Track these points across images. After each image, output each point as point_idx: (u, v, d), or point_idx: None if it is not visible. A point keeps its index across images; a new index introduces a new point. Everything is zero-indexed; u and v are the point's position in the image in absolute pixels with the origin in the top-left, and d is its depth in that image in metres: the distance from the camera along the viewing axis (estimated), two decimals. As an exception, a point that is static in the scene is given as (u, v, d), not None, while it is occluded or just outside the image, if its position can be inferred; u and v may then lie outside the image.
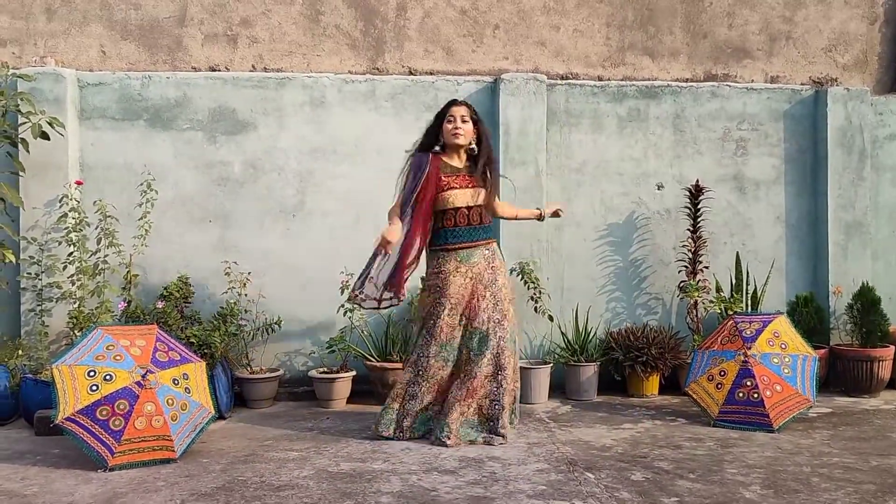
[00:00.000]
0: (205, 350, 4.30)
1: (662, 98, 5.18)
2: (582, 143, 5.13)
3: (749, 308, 5.06)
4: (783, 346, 4.19)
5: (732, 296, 5.03)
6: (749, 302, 5.08)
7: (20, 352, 4.37)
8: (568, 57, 5.32)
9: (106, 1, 4.98)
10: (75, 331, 4.36)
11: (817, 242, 5.26)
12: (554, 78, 5.22)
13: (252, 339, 4.74)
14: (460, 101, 3.93)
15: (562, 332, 4.97)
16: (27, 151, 4.24)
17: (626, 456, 3.55)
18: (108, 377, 3.42)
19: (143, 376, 3.46)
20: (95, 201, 4.62)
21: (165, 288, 4.59)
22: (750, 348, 4.13)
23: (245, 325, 4.66)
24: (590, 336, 4.96)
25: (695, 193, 5.04)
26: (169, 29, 5.03)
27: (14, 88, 4.46)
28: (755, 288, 5.12)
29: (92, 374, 3.42)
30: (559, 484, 3.15)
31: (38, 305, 4.51)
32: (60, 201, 4.52)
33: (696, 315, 4.99)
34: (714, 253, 5.17)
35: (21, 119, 4.23)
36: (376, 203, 4.82)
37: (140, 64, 5.01)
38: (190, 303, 4.66)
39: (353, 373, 4.69)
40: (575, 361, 4.81)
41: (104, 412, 3.36)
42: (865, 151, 5.23)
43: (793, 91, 5.29)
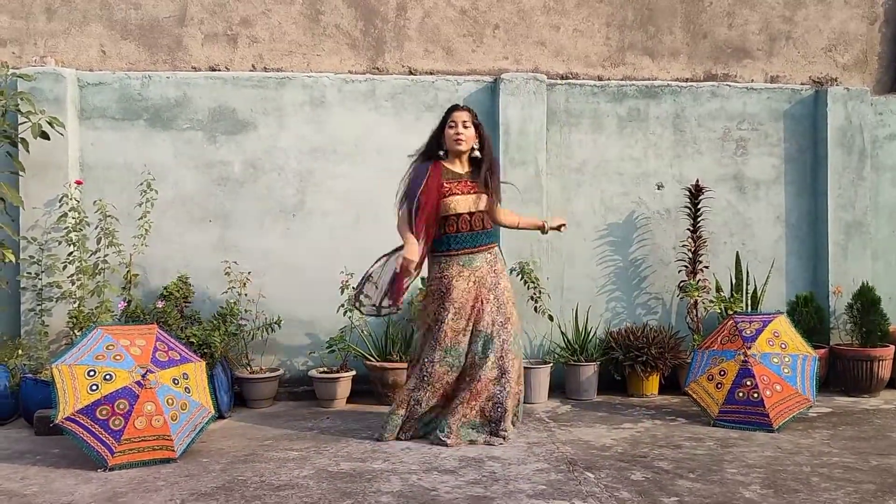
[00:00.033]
0: (205, 350, 4.30)
1: (662, 98, 5.18)
2: (582, 143, 5.13)
3: (749, 308, 5.06)
4: (783, 346, 4.19)
5: (732, 295, 5.03)
6: (749, 302, 5.08)
7: (20, 351, 4.37)
8: (568, 57, 5.32)
9: (106, 1, 4.98)
10: (75, 330, 4.36)
11: (817, 242, 5.27)
12: (554, 78, 5.22)
13: (252, 339, 4.74)
14: (462, 107, 3.92)
15: (562, 332, 4.97)
16: (27, 151, 4.25)
17: (626, 455, 3.55)
18: (108, 377, 3.42)
19: (143, 376, 3.46)
20: (95, 201, 4.62)
21: (165, 288, 4.59)
22: (750, 348, 4.13)
23: (245, 325, 4.66)
24: (590, 336, 4.96)
25: (695, 193, 5.04)
26: (169, 28, 5.04)
27: (14, 88, 4.46)
28: (755, 288, 5.12)
29: (92, 374, 3.42)
30: (559, 483, 3.15)
31: (38, 305, 4.51)
32: (60, 201, 4.53)
33: (696, 315, 4.99)
34: (714, 253, 5.17)
35: (21, 119, 4.24)
36: (376, 203, 4.82)
37: (140, 64, 5.01)
38: (190, 302, 4.66)
39: (353, 372, 4.69)
40: (575, 361, 4.81)
41: (104, 412, 3.36)
42: (865, 151, 5.23)
43: (793, 91, 5.29)
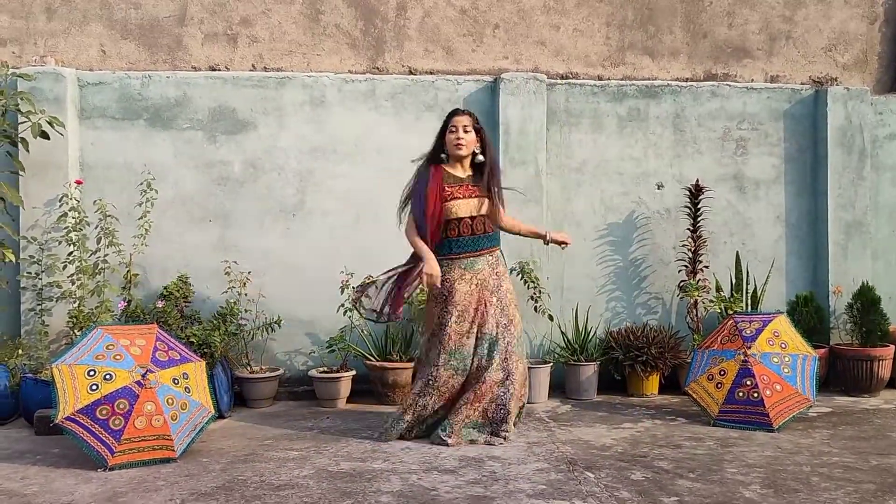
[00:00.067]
0: (205, 349, 4.30)
1: (662, 97, 5.18)
2: (582, 143, 5.13)
3: (749, 307, 5.06)
4: (783, 346, 4.19)
5: (732, 295, 5.03)
6: (749, 301, 5.08)
7: (20, 351, 4.37)
8: (568, 56, 5.32)
9: (106, 0, 4.98)
10: (75, 330, 4.36)
11: (817, 242, 5.26)
12: (554, 77, 5.21)
13: (252, 339, 4.74)
14: (462, 111, 3.92)
15: (562, 332, 4.97)
16: (27, 151, 4.25)
17: (626, 455, 3.55)
18: (108, 376, 3.42)
19: (143, 376, 3.46)
20: (95, 201, 4.62)
21: (165, 287, 4.59)
22: (750, 348, 4.13)
23: (245, 325, 4.66)
24: (590, 335, 4.96)
25: (695, 193, 5.04)
26: (169, 28, 5.03)
27: (14, 88, 4.46)
28: (755, 287, 5.12)
29: (92, 374, 3.42)
30: (559, 483, 3.15)
31: (38, 305, 4.51)
32: (60, 201, 4.52)
33: (696, 314, 4.99)
34: (714, 252, 5.17)
35: (21, 118, 4.24)
36: (376, 202, 4.83)
37: (140, 63, 5.01)
38: (190, 302, 4.66)
39: (353, 372, 4.69)
40: (575, 361, 4.81)
41: (104, 411, 3.36)
42: (865, 151, 5.23)
43: (793, 91, 5.29)
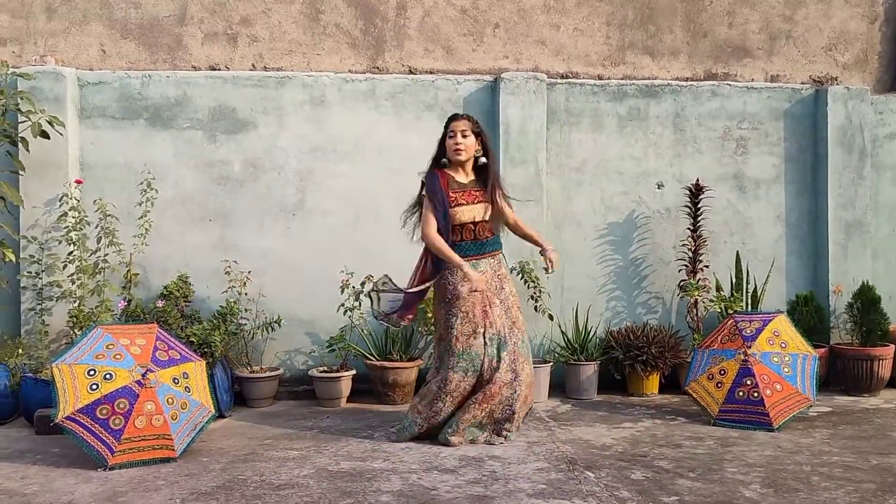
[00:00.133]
0: (205, 349, 4.30)
1: (662, 97, 5.17)
2: (582, 142, 5.12)
3: (749, 307, 5.05)
4: (783, 345, 4.18)
5: (732, 295, 5.03)
6: (749, 301, 5.08)
7: (20, 351, 4.37)
8: (568, 56, 5.31)
9: (106, 0, 4.98)
10: (75, 330, 4.36)
11: (817, 241, 5.26)
12: (554, 77, 5.21)
13: (252, 338, 4.74)
14: (461, 116, 3.91)
15: (562, 331, 4.97)
16: (27, 150, 4.25)
17: (626, 455, 3.55)
18: (108, 376, 3.42)
19: (143, 375, 3.46)
20: (95, 200, 4.62)
21: (165, 287, 4.59)
22: (750, 347, 4.13)
23: (245, 324, 4.66)
24: (590, 335, 4.96)
25: (695, 192, 5.04)
26: (169, 28, 5.03)
27: (14, 87, 4.46)
28: (755, 287, 5.12)
29: (92, 373, 3.42)
30: (559, 483, 3.15)
31: (39, 304, 4.51)
32: (60, 200, 4.52)
33: (697, 314, 4.99)
34: (714, 252, 5.17)
35: (21, 118, 4.24)
36: (376, 202, 4.83)
37: (140, 63, 5.01)
38: (190, 302, 4.66)
39: (353, 372, 4.69)
40: (575, 360, 4.81)
41: (104, 411, 3.36)
42: (865, 150, 5.22)
43: (793, 90, 5.29)
